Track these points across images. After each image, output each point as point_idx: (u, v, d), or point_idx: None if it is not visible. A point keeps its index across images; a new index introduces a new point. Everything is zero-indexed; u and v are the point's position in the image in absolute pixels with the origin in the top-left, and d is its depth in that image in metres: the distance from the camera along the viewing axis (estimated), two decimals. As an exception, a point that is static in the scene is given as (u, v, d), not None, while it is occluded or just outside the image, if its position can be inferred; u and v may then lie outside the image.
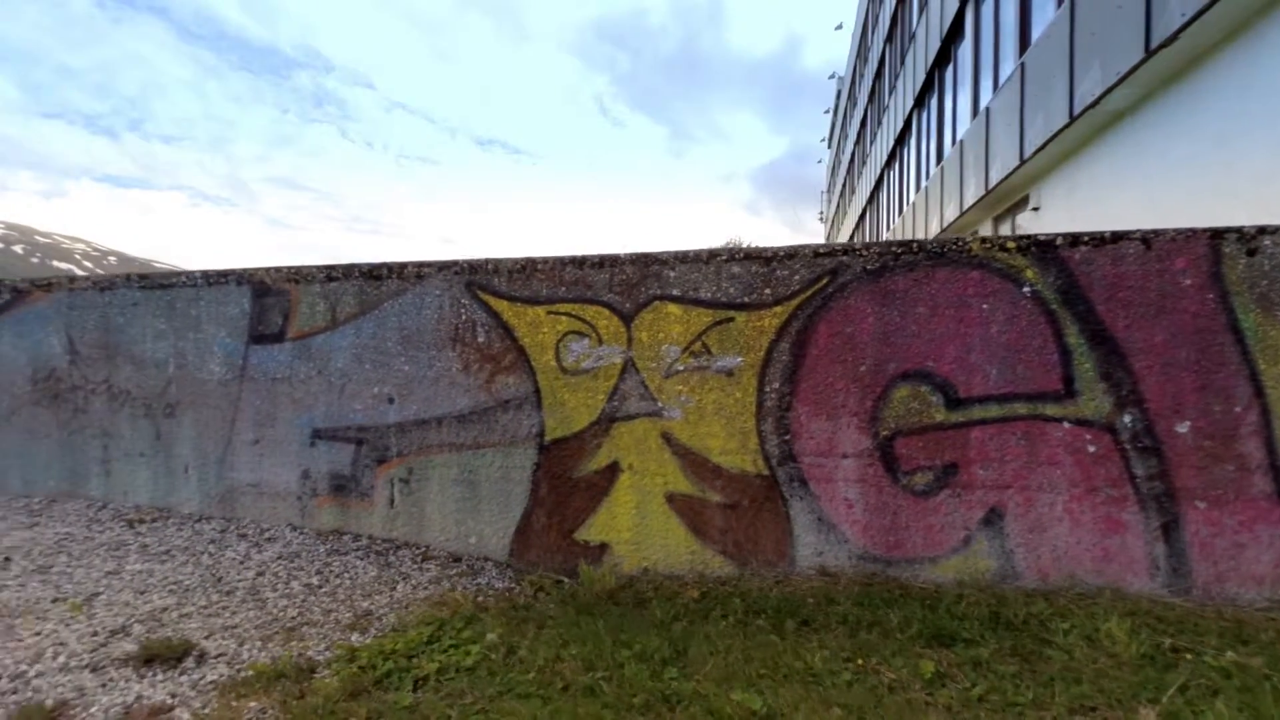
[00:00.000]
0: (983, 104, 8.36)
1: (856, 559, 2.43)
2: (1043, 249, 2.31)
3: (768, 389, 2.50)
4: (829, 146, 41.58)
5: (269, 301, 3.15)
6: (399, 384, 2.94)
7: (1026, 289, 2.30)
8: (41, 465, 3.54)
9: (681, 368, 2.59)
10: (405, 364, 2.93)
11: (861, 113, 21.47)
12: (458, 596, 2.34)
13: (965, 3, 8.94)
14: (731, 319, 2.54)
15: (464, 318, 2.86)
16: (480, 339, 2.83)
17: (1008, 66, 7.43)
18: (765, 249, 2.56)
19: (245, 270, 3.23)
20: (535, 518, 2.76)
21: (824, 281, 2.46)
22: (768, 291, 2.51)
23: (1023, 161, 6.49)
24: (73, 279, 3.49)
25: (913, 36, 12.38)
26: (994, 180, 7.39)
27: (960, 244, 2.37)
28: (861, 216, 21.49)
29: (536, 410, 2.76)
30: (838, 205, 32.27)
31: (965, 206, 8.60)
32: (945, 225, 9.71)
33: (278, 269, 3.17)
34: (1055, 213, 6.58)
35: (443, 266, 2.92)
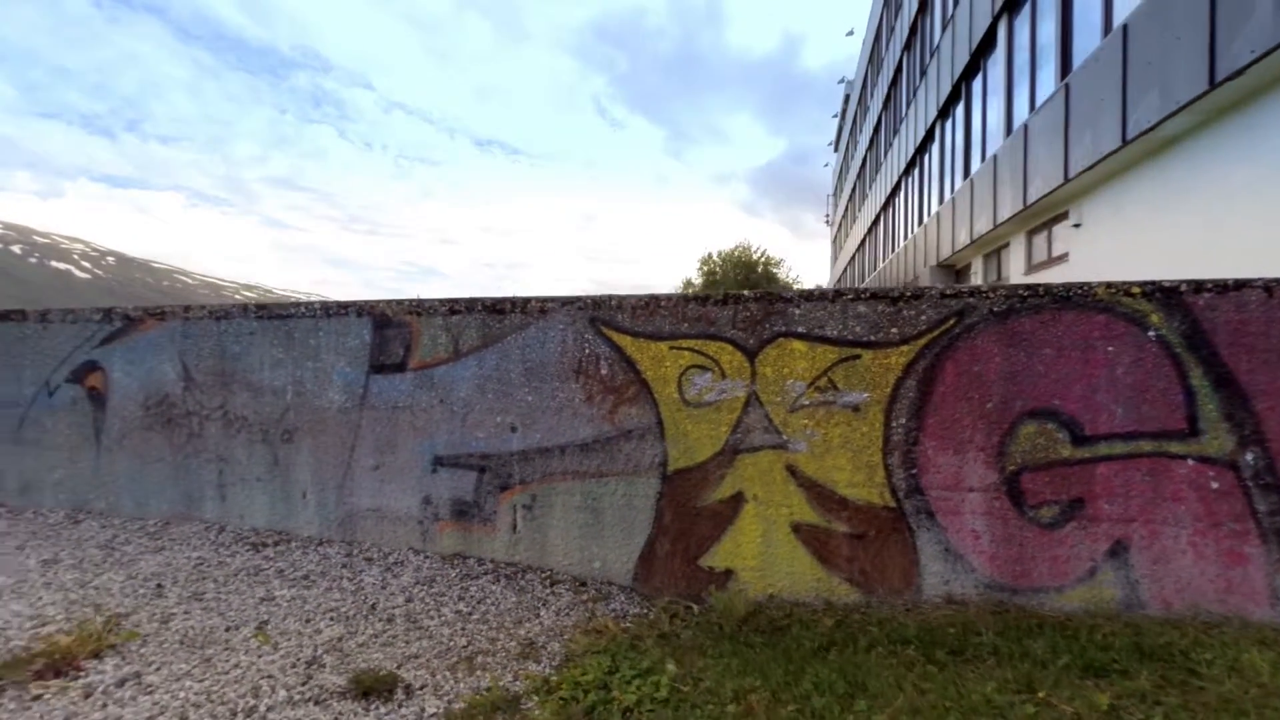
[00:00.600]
0: (1018, 120, 8.49)
1: (983, 587, 2.55)
2: (1167, 295, 2.43)
3: (894, 424, 2.62)
4: (835, 150, 41.73)
5: (390, 333, 3.26)
6: (522, 413, 3.06)
7: (1151, 333, 2.42)
8: (154, 488, 3.65)
9: (807, 402, 2.71)
10: (528, 394, 3.05)
11: (875, 119, 21.62)
12: (609, 625, 2.45)
13: (998, 19, 9.08)
14: (858, 356, 2.66)
15: (587, 351, 2.98)
16: (603, 371, 2.95)
17: (1047, 85, 7.56)
18: (891, 290, 2.68)
19: (366, 303, 3.34)
20: (659, 544, 2.87)
21: (951, 322, 2.58)
22: (894, 330, 2.63)
23: (1067, 180, 6.62)
24: (188, 308, 3.60)
25: (936, 49, 12.52)
26: (1033, 197, 7.52)
27: (1085, 289, 2.49)
28: (875, 223, 21.63)
29: (659, 441, 2.87)
30: (846, 209, 32.41)
31: (999, 220, 8.72)
32: (975, 237, 9.83)
33: (399, 302, 3.29)
34: (1099, 230, 6.71)
35: (566, 302, 3.03)
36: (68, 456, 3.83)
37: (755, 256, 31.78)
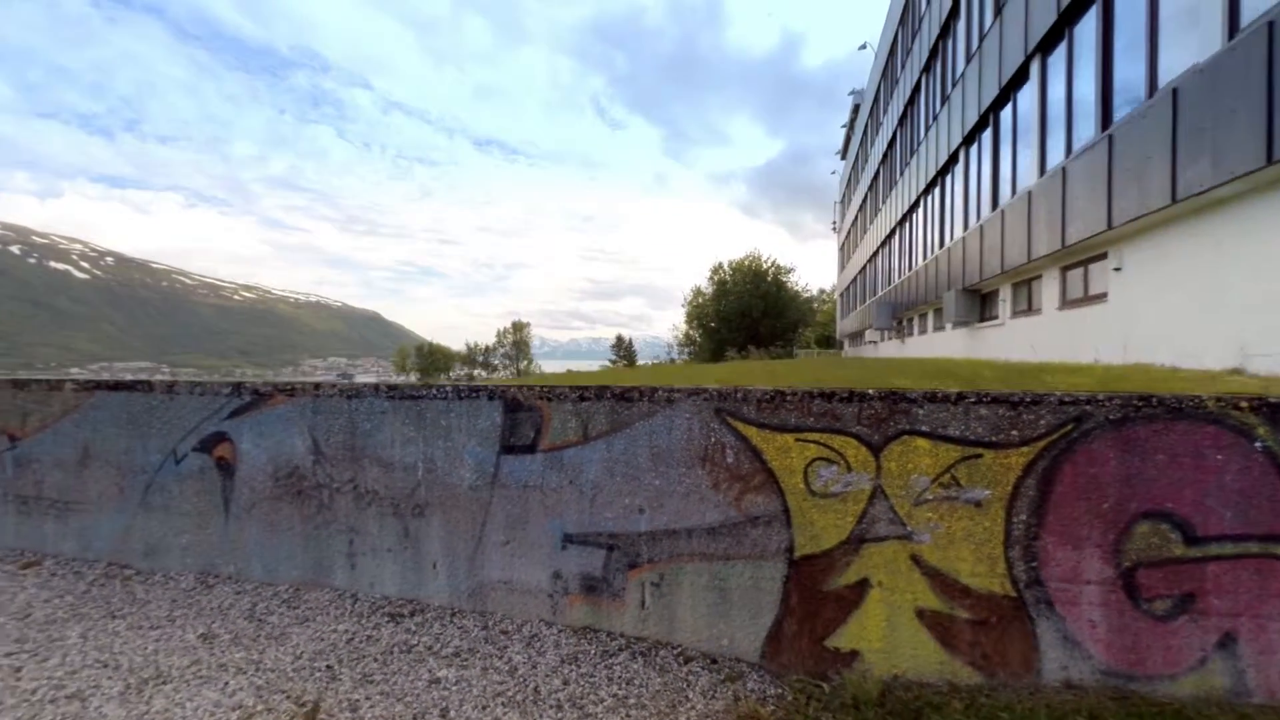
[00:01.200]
0: (1053, 159, 8.72)
1: (1100, 674, 2.77)
2: (1274, 410, 2.65)
3: (1015, 520, 2.84)
4: (843, 158, 42.00)
5: (520, 416, 3.47)
6: (649, 496, 3.27)
7: (1258, 444, 2.64)
8: (284, 555, 3.86)
9: (930, 497, 2.92)
10: (655, 479, 3.26)
11: (889, 135, 21.86)
12: (759, 710, 2.67)
13: (1030, 58, 9.32)
14: (979, 455, 2.88)
15: (713, 440, 3.19)
16: (729, 460, 3.16)
17: (1085, 130, 7.78)
18: (1012, 394, 2.90)
19: (496, 387, 3.55)
20: (786, 625, 3.08)
21: (1069, 428, 2.79)
22: (1014, 433, 2.85)
23: (1111, 228, 6.84)
24: (318, 385, 3.81)
25: (961, 78, 12.75)
26: (1073, 239, 7.75)
27: (1197, 401, 2.70)
28: (890, 237, 21.87)
29: (786, 528, 3.09)
30: (856, 219, 32.65)
31: (1034, 255, 8.96)
32: (1006, 268, 10.07)
33: (529, 388, 3.50)
34: (1141, 276, 6.93)
35: (692, 393, 3.24)
36: (195, 522, 4.03)
37: (765, 266, 32.01)
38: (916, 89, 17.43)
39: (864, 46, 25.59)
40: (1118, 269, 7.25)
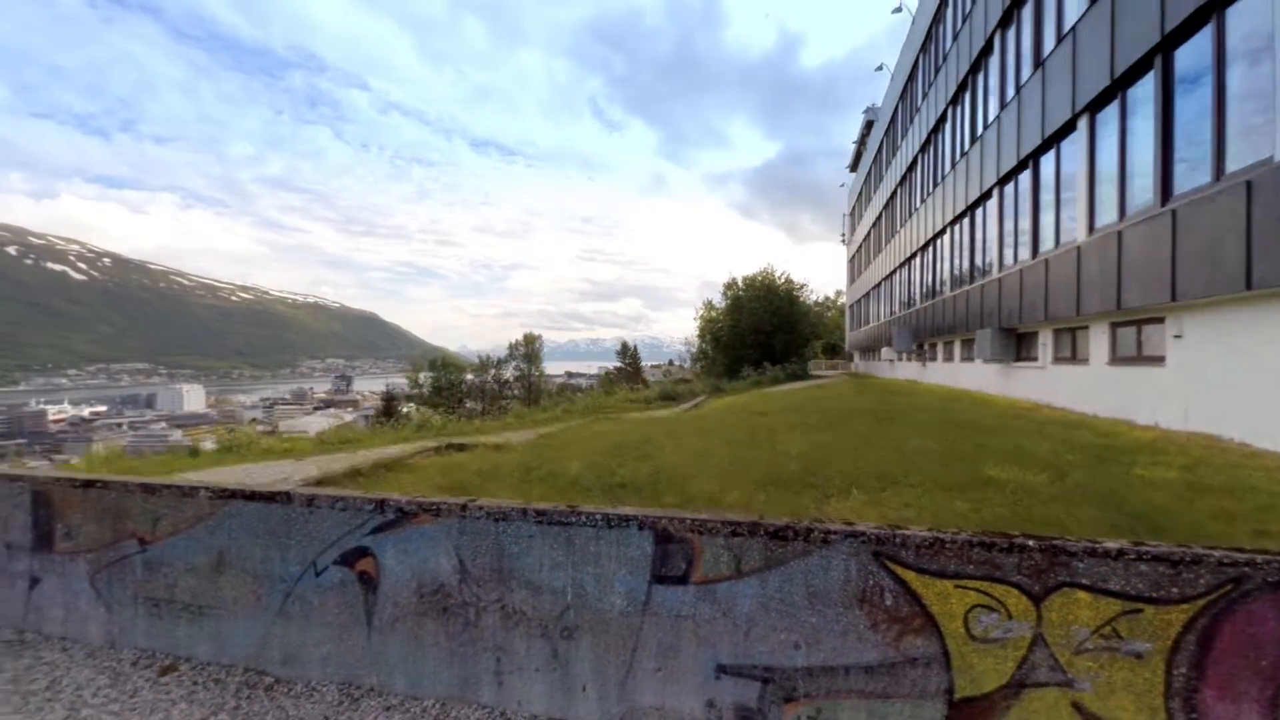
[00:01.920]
0: (1104, 219, 8.88)
1: (1261, 824, 2.91)
2: None
3: (1175, 673, 2.98)
4: (852, 171, 42.24)
5: (671, 548, 3.60)
6: (805, 633, 3.40)
7: None
8: (429, 670, 3.98)
9: (1091, 646, 3.06)
10: (811, 616, 3.39)
11: (909, 160, 22.03)
12: None
13: (1079, 114, 9.47)
14: (1140, 610, 3.01)
15: (871, 583, 3.32)
16: (888, 602, 3.29)
17: (1142, 196, 7.94)
18: (1172, 552, 3.04)
19: (646, 517, 3.68)
20: (945, 762, 3.22)
21: (1228, 588, 2.93)
22: (1174, 590, 2.99)
23: (1174, 300, 7.00)
24: (464, 507, 3.93)
25: (995, 120, 12.91)
26: (1129, 304, 7.90)
27: (1357, 568, 2.85)
28: (910, 260, 22.04)
29: (945, 670, 3.22)
30: (868, 235, 32.81)
31: (1083, 311, 9.12)
32: (1050, 316, 10.23)
33: (680, 519, 3.63)
34: (1205, 346, 7.08)
35: (849, 534, 3.37)
36: (336, 634, 4.15)
37: (778, 281, 32.18)
38: (942, 119, 17.59)
39: (880, 68, 25.74)
40: (1178, 336, 7.40)
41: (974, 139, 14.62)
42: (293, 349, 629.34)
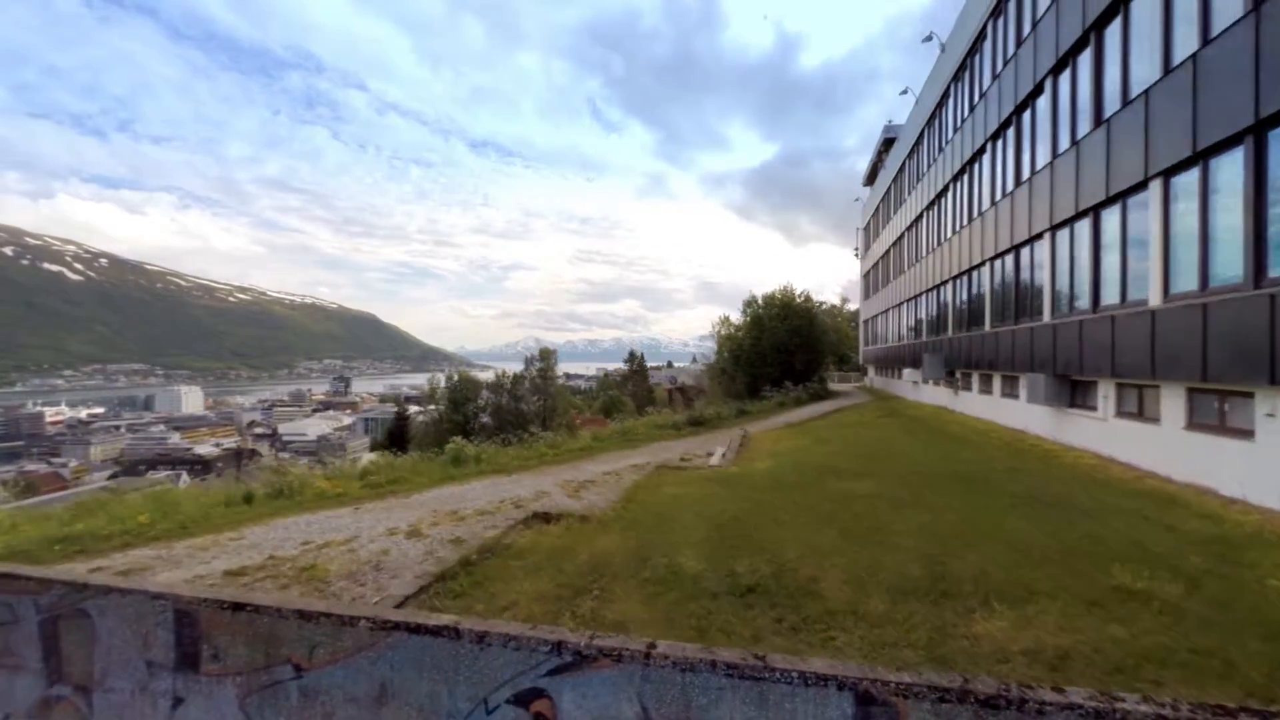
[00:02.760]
0: (1181, 286, 8.88)
1: None
2: None
3: None
4: (865, 185, 42.36)
5: (873, 710, 3.58)
6: (1017, 802, 3.39)
7: None
8: (611, 817, 3.96)
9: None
10: (1024, 785, 3.38)
11: (938, 187, 22.08)
12: None
13: (1152, 177, 9.49)
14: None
15: (1088, 754, 3.32)
16: (1105, 775, 3.29)
17: (1228, 268, 7.96)
18: None
19: (846, 677, 3.66)
20: None
21: None
22: None
23: (1274, 384, 7.02)
24: (648, 654, 3.91)
25: (1049, 166, 12.94)
26: (1216, 377, 7.93)
27: None
28: (939, 288, 22.09)
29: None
30: (888, 253, 32.87)
31: (1159, 376, 9.15)
32: (1117, 374, 10.26)
33: (883, 681, 3.60)
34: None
35: (1065, 706, 3.37)
36: (510, 774, 4.13)
37: (798, 300, 32.27)
38: (980, 152, 17.64)
39: (905, 92, 25.80)
40: (1271, 415, 7.42)
41: (1019, 180, 14.66)
42: (290, 350, 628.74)
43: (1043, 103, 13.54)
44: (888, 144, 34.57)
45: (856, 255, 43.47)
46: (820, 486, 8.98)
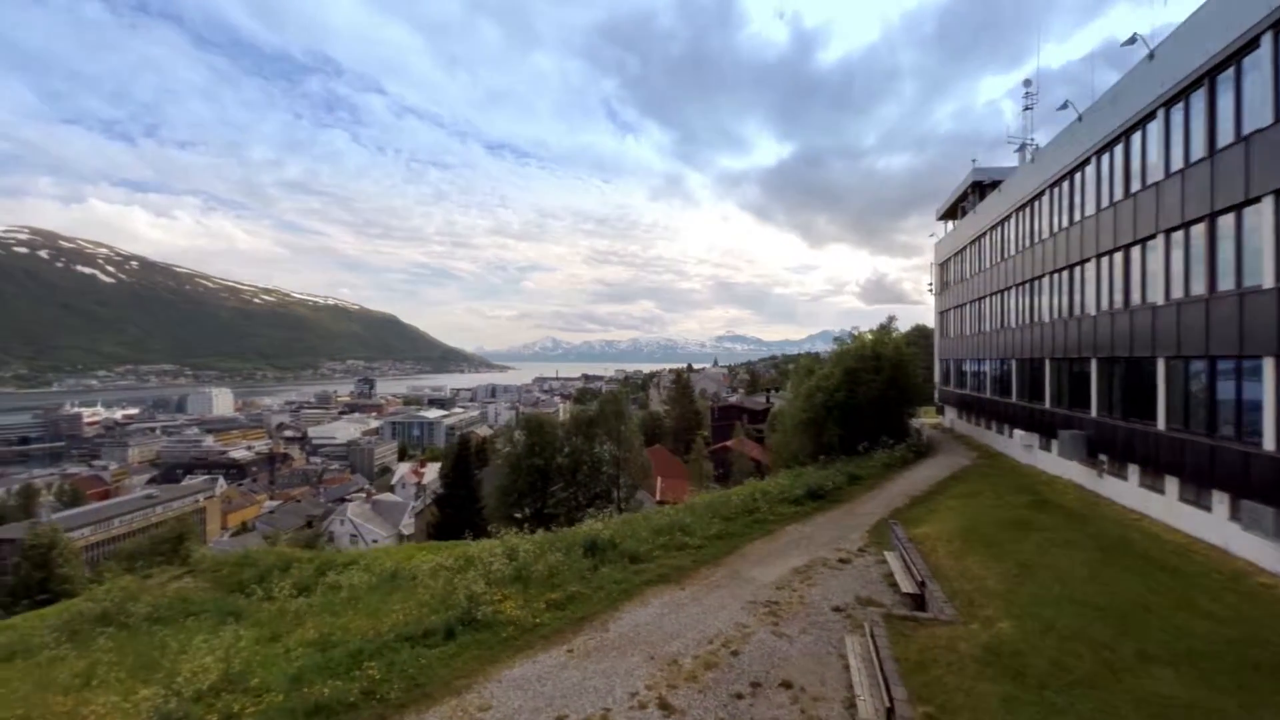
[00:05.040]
0: None
1: None
2: None
3: None
4: (939, 219, 41.39)
5: None
6: None
7: None
8: None
9: None
10: None
11: (1073, 257, 21.21)
12: None
13: None
14: None
15: None
16: None
17: None
18: None
19: None
20: None
21: None
22: None
23: None
24: None
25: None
26: None
27: None
28: (1070, 360, 21.22)
29: None
30: (980, 301, 31.92)
31: None
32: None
33: None
34: None
35: None
36: None
37: (888, 349, 31.40)
38: (1150, 238, 16.79)
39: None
40: None
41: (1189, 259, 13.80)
42: (314, 351, 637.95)
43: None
44: (977, 187, 33.62)
45: (930, 290, 42.51)
46: (1117, 685, 8.37)
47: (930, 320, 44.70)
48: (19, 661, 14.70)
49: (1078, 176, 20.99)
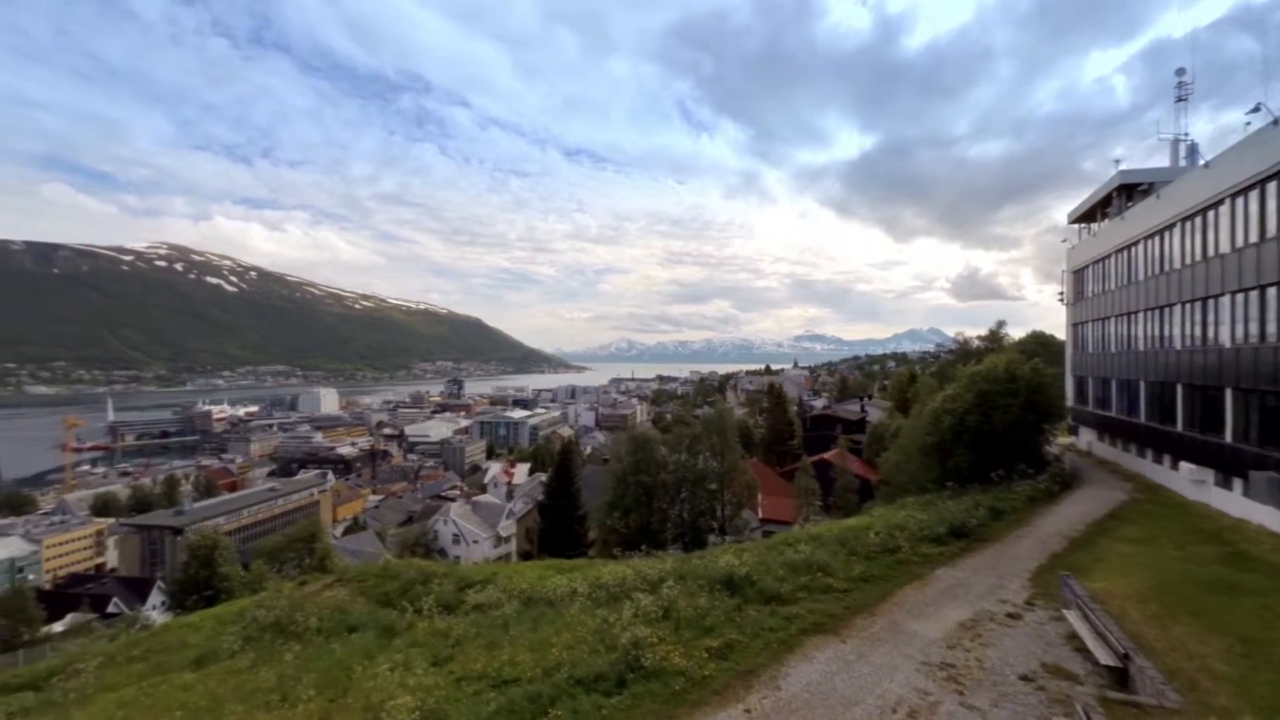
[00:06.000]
0: None
1: None
2: None
3: None
4: (1072, 223, 38.18)
5: None
6: None
7: None
8: None
9: None
10: None
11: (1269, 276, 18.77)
12: None
13: None
14: None
15: None
16: None
17: None
18: None
19: None
20: None
21: None
22: None
23: None
24: None
25: None
26: None
27: None
28: (1262, 392, 18.75)
29: None
30: (1129, 317, 29.05)
31: None
32: None
33: None
34: None
35: None
36: None
37: (1025, 371, 28.99)
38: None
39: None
40: None
41: None
42: (407, 352, 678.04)
43: None
44: (1124, 190, 30.66)
45: (1061, 300, 39.24)
46: None
47: (1043, 320, 41.52)
48: (211, 667, 16.10)
49: (1272, 187, 18.54)
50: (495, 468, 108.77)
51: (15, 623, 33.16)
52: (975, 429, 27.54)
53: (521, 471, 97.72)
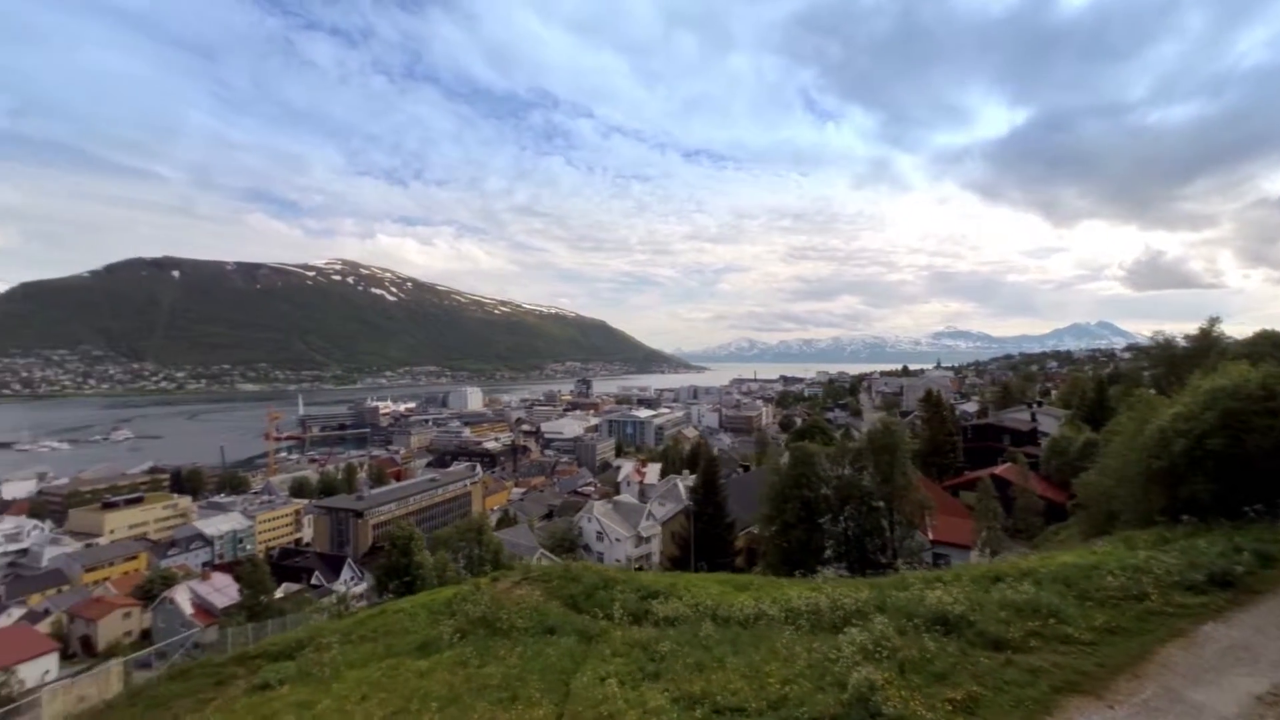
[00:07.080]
0: None
1: None
2: None
3: None
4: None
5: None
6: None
7: None
8: None
9: None
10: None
11: None
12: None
13: None
14: None
15: None
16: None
17: None
18: None
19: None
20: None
21: None
22: None
23: None
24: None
25: None
26: None
27: None
28: None
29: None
30: None
31: None
32: None
33: None
34: None
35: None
36: None
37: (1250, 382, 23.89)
38: None
39: None
40: None
41: None
42: (539, 354, 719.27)
43: None
44: None
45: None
46: None
47: (1259, 310, 33.99)
48: (435, 656, 17.48)
49: None
50: (627, 466, 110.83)
51: (255, 591, 39.39)
52: (1221, 454, 23.30)
53: (653, 472, 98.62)
